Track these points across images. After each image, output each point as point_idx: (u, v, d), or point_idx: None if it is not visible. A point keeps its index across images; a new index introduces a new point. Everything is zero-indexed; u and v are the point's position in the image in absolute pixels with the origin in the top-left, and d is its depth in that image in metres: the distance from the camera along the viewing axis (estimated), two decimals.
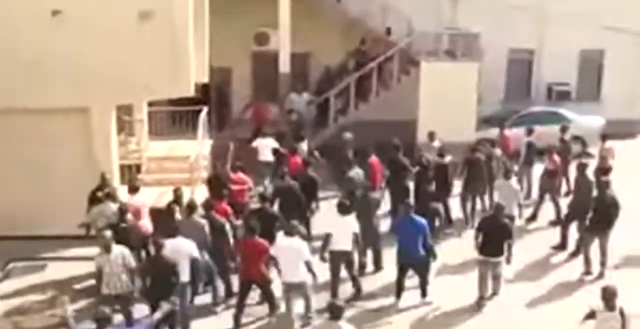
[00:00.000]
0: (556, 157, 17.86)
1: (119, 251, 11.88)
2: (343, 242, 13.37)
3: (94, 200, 14.45)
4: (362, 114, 22.91)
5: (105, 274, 11.78)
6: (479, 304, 13.71)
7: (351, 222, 13.60)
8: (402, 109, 22.15)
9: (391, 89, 23.24)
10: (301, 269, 12.34)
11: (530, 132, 19.75)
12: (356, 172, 16.59)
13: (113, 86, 15.58)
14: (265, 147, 19.12)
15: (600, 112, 24.49)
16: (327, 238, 13.39)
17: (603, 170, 16.85)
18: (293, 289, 12.47)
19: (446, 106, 21.15)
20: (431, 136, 18.97)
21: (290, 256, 12.31)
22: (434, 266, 14.26)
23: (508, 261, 13.70)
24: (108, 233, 11.95)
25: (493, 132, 22.40)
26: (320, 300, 13.00)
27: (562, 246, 16.23)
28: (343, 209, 13.62)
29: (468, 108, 22.23)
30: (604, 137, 19.95)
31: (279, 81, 23.55)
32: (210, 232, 13.13)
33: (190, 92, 16.59)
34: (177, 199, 14.39)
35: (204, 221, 13.22)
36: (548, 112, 23.96)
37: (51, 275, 14.84)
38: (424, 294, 13.84)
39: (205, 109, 20.00)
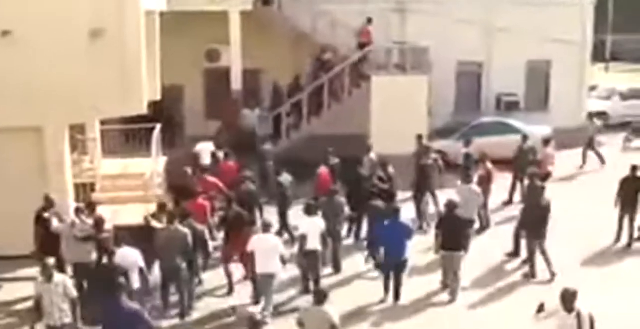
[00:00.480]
0: (488, 164, 17.94)
1: (61, 279, 11.22)
2: (312, 242, 14.10)
3: (39, 221, 14.43)
4: (315, 128, 23.14)
5: (45, 305, 11.10)
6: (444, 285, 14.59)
7: (318, 223, 14.34)
8: (354, 123, 22.41)
9: (343, 102, 23.49)
10: (276, 261, 13.30)
11: (468, 143, 20.12)
12: (285, 178, 17.46)
13: (65, 106, 15.52)
14: (205, 152, 20.08)
15: (548, 122, 25.01)
16: (302, 240, 14.16)
17: (542, 175, 17.16)
18: (264, 279, 13.37)
19: (397, 119, 21.44)
20: (367, 149, 19.27)
21: (267, 249, 13.25)
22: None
23: (466, 250, 14.53)
24: (51, 261, 11.23)
25: (443, 144, 22.91)
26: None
27: (515, 253, 16.38)
28: (310, 210, 14.35)
29: (419, 121, 22.53)
30: (546, 142, 20.27)
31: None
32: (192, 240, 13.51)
33: (143, 111, 16.61)
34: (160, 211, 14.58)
35: (186, 230, 13.46)
36: (497, 123, 24.41)
37: (5, 296, 14.72)
38: (397, 297, 14.20)
39: (158, 127, 20.04)
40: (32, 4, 15.21)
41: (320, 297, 10.46)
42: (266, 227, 13.75)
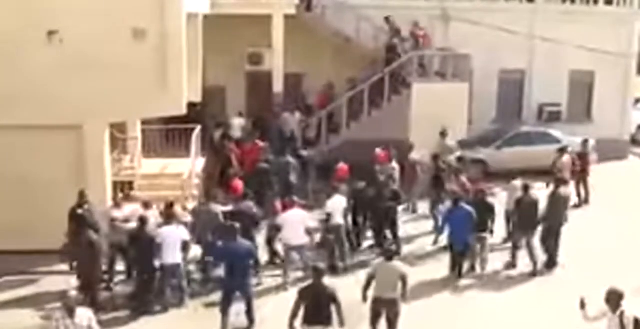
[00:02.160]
0: (463, 179, 17.70)
1: (84, 313, 10.10)
2: (336, 217, 15.92)
3: (73, 217, 14.76)
4: (354, 133, 23.15)
5: None
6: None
7: (342, 201, 16.15)
8: (393, 129, 22.38)
9: (382, 109, 23.47)
10: (303, 234, 14.95)
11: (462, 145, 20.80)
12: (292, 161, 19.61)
13: (106, 104, 15.83)
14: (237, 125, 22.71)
15: (590, 133, 24.74)
16: (328, 217, 15.92)
17: (561, 181, 17.07)
18: (294, 250, 15.02)
19: (437, 126, 21.34)
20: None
21: (295, 223, 14.90)
22: None
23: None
24: (73, 294, 10.22)
25: (484, 153, 22.89)
26: None
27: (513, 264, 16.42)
28: (335, 190, 16.38)
29: (459, 128, 22.44)
30: (562, 150, 20.35)
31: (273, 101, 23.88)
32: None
33: (182, 111, 16.83)
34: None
35: (219, 208, 15.09)
36: (538, 133, 24.24)
37: (43, 289, 14.98)
38: (460, 274, 15.67)
39: (198, 128, 20.26)
40: (76, 3, 15.53)
41: (390, 254, 12.29)
42: (293, 203, 15.33)
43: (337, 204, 16.06)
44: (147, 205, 15.38)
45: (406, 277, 12.06)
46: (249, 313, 13.33)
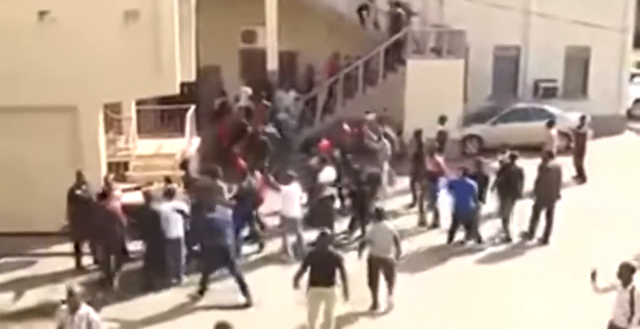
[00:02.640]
0: (438, 158, 17.48)
1: (86, 312, 9.76)
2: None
3: (72, 198, 14.80)
4: (349, 111, 23.11)
5: None
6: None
7: (331, 173, 16.78)
8: (389, 106, 22.33)
9: (377, 86, 23.41)
10: (298, 207, 15.57)
11: (442, 120, 20.38)
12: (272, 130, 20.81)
13: (100, 85, 15.76)
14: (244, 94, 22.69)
15: (586, 109, 24.73)
16: (319, 188, 16.39)
17: (548, 154, 17.15)
18: (288, 222, 15.49)
19: (432, 103, 21.30)
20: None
21: (291, 196, 15.43)
22: None
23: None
24: (77, 289, 9.89)
25: (479, 129, 22.89)
26: None
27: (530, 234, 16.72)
28: (325, 161, 17.00)
29: (454, 105, 22.42)
30: (550, 124, 20.52)
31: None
32: None
33: (176, 91, 16.76)
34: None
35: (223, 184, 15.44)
36: (534, 109, 24.22)
37: (40, 270, 15.05)
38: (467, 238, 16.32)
39: (192, 108, 20.21)
40: None
41: (381, 214, 13.21)
42: (290, 178, 15.66)
43: (327, 175, 16.70)
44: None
45: (398, 237, 13.04)
46: (243, 289, 13.51)
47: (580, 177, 20.74)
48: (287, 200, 15.59)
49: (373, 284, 13.10)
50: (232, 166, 17.33)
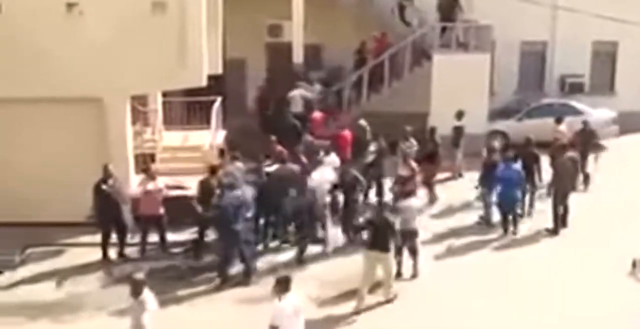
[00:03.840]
0: (412, 163, 17.19)
1: (144, 298, 10.08)
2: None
3: (98, 192, 14.86)
4: (374, 105, 23.08)
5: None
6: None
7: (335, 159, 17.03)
8: (414, 101, 22.28)
9: (403, 80, 23.34)
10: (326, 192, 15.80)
11: (460, 116, 20.38)
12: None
13: (127, 77, 15.88)
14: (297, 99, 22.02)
15: (613, 105, 24.58)
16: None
17: (559, 148, 17.72)
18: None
19: (458, 98, 21.22)
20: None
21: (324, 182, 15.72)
22: None
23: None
24: (141, 277, 10.32)
25: (504, 124, 22.77)
26: None
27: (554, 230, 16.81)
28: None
29: (480, 100, 22.33)
30: (559, 119, 20.29)
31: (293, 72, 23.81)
32: None
33: (203, 83, 16.83)
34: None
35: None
36: (560, 104, 24.00)
37: (66, 260, 15.22)
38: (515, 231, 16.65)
39: (219, 100, 20.28)
40: None
41: (409, 191, 14.73)
42: (319, 164, 16.24)
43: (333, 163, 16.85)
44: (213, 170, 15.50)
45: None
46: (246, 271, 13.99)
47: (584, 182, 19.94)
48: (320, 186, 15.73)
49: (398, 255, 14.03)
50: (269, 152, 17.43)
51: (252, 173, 15.86)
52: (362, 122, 20.23)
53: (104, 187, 14.84)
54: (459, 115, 20.22)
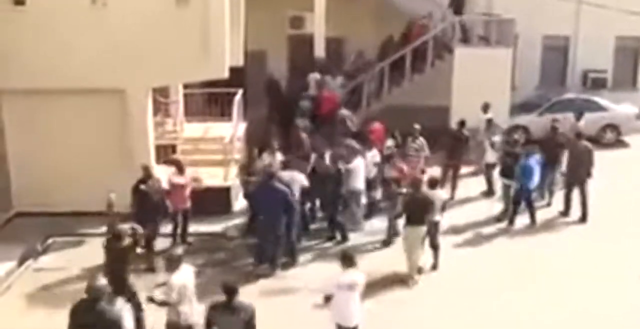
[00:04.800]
0: (401, 165, 16.53)
1: (185, 271, 10.43)
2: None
3: (137, 192, 14.57)
4: (395, 98, 23.04)
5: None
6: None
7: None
8: (436, 95, 22.23)
9: (425, 74, 23.29)
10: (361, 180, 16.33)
11: (486, 108, 20.19)
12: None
13: (149, 69, 15.93)
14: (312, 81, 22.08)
15: (636, 101, 24.42)
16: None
17: (577, 134, 17.85)
18: (354, 195, 16.29)
19: (479, 92, 21.13)
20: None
21: (357, 170, 16.08)
22: None
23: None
24: (179, 250, 10.56)
25: (525, 119, 22.67)
26: None
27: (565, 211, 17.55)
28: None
29: (502, 94, 22.22)
30: (579, 115, 20.12)
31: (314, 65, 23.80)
32: None
33: (225, 75, 16.86)
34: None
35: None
36: (582, 100, 23.85)
37: (89, 250, 15.21)
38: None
39: (240, 92, 20.31)
40: None
41: (435, 182, 14.61)
42: (354, 153, 16.36)
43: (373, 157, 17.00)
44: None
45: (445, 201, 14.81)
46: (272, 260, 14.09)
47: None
48: (353, 174, 16.03)
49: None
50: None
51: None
52: (345, 112, 20.44)
53: (142, 187, 14.52)
54: (485, 107, 20.10)
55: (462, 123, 18.91)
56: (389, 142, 17.95)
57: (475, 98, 20.67)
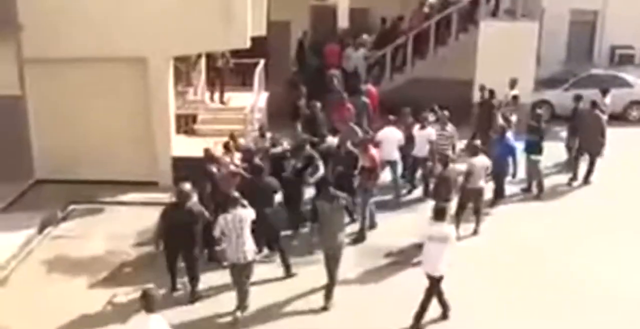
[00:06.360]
0: (372, 151, 14.84)
1: (239, 212, 11.41)
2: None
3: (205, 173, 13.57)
4: (419, 71, 22.80)
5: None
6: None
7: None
8: (459, 68, 21.95)
9: (449, 47, 23.02)
10: (396, 151, 16.18)
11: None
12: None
13: (171, 37, 15.82)
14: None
15: None
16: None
17: (593, 105, 18.02)
18: (390, 165, 16.32)
19: (504, 66, 20.81)
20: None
21: (391, 140, 16.08)
22: None
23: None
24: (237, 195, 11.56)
25: (550, 94, 22.41)
26: None
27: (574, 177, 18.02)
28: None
29: (526, 69, 21.87)
30: (604, 91, 19.69)
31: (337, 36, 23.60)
32: None
33: (247, 45, 16.72)
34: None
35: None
36: (609, 76, 23.46)
37: (109, 218, 15.37)
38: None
39: (262, 62, 20.19)
40: None
41: (476, 150, 14.74)
42: (392, 122, 16.34)
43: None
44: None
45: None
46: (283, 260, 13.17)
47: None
48: (387, 144, 16.01)
49: (459, 215, 14.55)
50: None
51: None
52: (334, 71, 20.64)
53: (210, 168, 13.59)
54: (513, 83, 19.80)
55: (491, 92, 18.98)
56: (430, 117, 17.67)
57: (500, 72, 20.35)
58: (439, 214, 11.31)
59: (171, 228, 11.80)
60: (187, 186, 11.93)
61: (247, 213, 11.47)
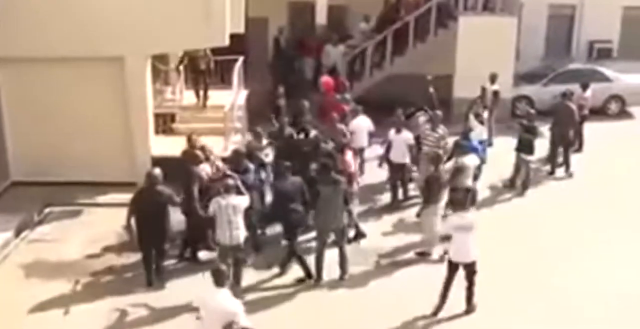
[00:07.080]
0: (348, 155, 14.45)
1: (233, 199, 11.74)
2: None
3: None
4: (398, 67, 22.70)
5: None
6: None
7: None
8: (439, 64, 21.86)
9: (428, 42, 22.92)
10: (406, 155, 16.15)
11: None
12: None
13: (148, 35, 15.58)
14: None
15: None
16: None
17: (563, 94, 18.53)
18: (396, 168, 16.21)
19: (483, 61, 20.75)
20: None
21: (400, 144, 16.00)
22: None
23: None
24: (231, 182, 11.89)
25: (529, 89, 22.37)
26: None
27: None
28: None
29: (505, 64, 21.84)
30: (585, 86, 19.71)
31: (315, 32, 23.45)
32: None
33: (226, 43, 16.53)
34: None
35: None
36: (587, 70, 23.45)
37: (87, 220, 15.12)
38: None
39: (241, 59, 19.99)
40: None
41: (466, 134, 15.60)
42: (401, 125, 16.14)
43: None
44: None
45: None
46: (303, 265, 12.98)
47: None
48: (397, 148, 16.02)
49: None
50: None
51: None
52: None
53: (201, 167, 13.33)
54: (493, 78, 19.73)
55: (493, 77, 19.43)
56: (422, 118, 17.51)
57: (479, 67, 20.31)
58: (458, 204, 11.79)
59: (142, 212, 11.95)
60: (157, 170, 12.21)
61: (241, 201, 11.85)
